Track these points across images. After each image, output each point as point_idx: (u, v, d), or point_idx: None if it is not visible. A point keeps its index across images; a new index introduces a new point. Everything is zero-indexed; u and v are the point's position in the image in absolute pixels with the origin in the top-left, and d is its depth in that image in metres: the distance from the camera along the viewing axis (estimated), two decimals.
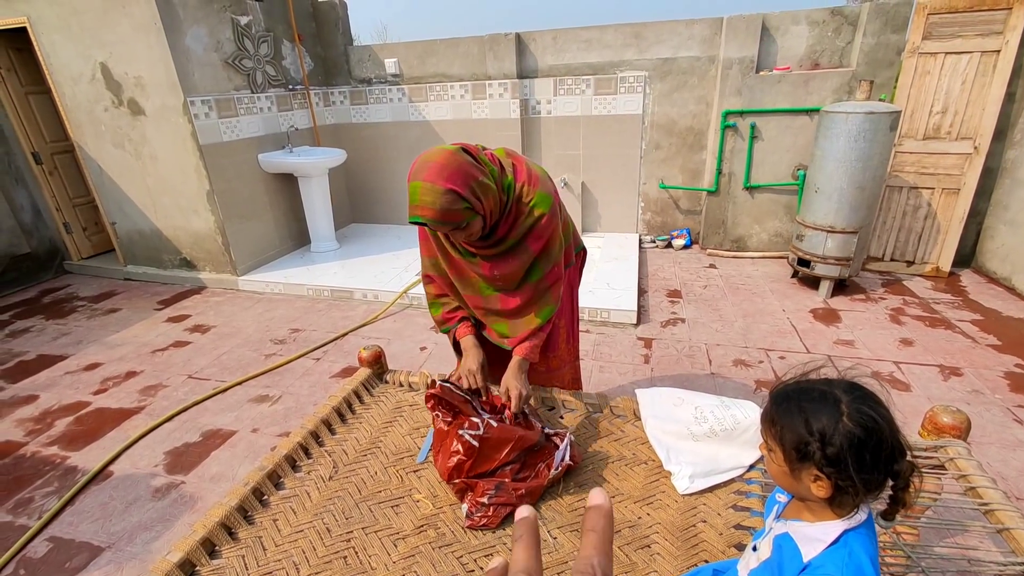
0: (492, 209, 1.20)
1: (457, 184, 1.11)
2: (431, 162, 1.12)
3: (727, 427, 1.32)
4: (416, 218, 1.14)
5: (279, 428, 2.22)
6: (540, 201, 1.26)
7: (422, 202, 1.11)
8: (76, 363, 2.85)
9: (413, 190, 1.12)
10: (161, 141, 3.45)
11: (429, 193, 1.10)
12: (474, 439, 1.23)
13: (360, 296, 3.48)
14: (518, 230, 1.27)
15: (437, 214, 1.11)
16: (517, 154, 1.35)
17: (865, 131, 2.83)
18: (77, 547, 1.68)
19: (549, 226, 1.28)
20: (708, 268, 3.80)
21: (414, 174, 1.12)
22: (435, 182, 1.09)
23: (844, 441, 0.65)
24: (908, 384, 2.36)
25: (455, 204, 1.11)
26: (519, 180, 1.26)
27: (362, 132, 4.61)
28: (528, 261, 1.31)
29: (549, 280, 1.36)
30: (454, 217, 1.12)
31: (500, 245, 1.28)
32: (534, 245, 1.29)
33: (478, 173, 1.15)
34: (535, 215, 1.26)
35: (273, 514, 1.21)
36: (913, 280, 3.47)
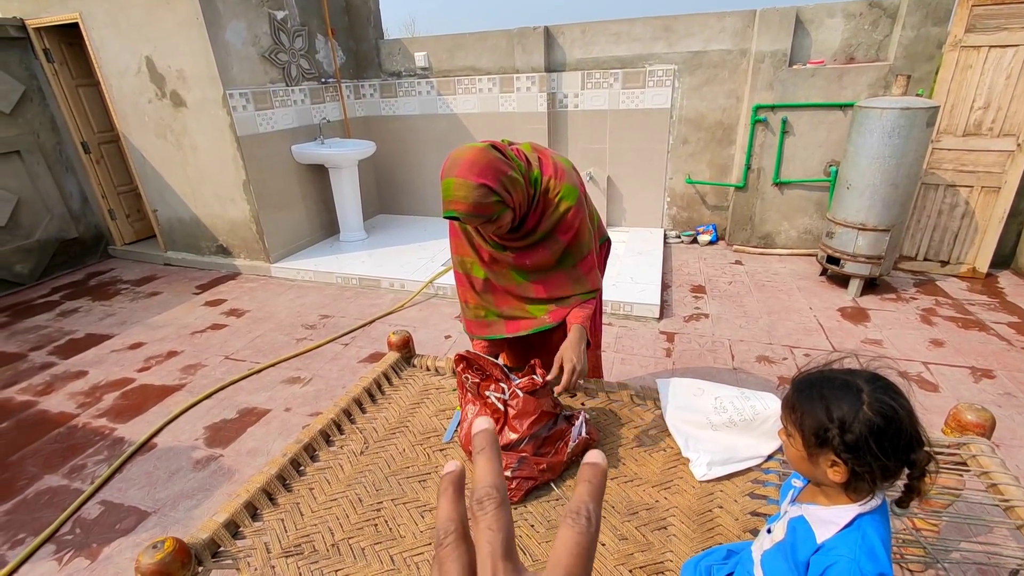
0: (521, 202, 1.24)
1: (488, 178, 1.15)
2: (462, 159, 1.16)
3: (746, 417, 1.35)
4: (450, 212, 1.18)
5: (310, 408, 2.32)
6: (567, 194, 1.30)
7: (455, 197, 1.16)
8: (121, 342, 3.01)
9: (446, 186, 1.17)
10: (201, 132, 3.59)
11: (462, 188, 1.14)
12: (499, 402, 1.29)
13: (387, 285, 3.57)
14: (547, 222, 1.31)
15: (470, 207, 1.15)
16: (543, 148, 1.39)
17: (900, 127, 2.77)
18: (126, 511, 1.81)
19: (576, 217, 1.33)
20: (734, 264, 3.77)
21: (447, 171, 1.17)
22: (467, 177, 1.14)
23: (863, 428, 0.67)
24: (936, 385, 2.32)
25: (487, 198, 1.15)
26: (546, 174, 1.30)
27: (391, 124, 4.70)
28: (559, 251, 1.35)
29: (583, 268, 1.41)
30: (486, 210, 1.17)
31: (529, 237, 1.33)
32: (563, 236, 1.34)
33: (507, 168, 1.19)
34: (562, 208, 1.30)
35: (309, 483, 1.28)
36: (947, 281, 3.38)
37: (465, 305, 1.56)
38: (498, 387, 1.33)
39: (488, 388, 1.32)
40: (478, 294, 1.50)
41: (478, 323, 1.55)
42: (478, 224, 1.25)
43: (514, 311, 1.50)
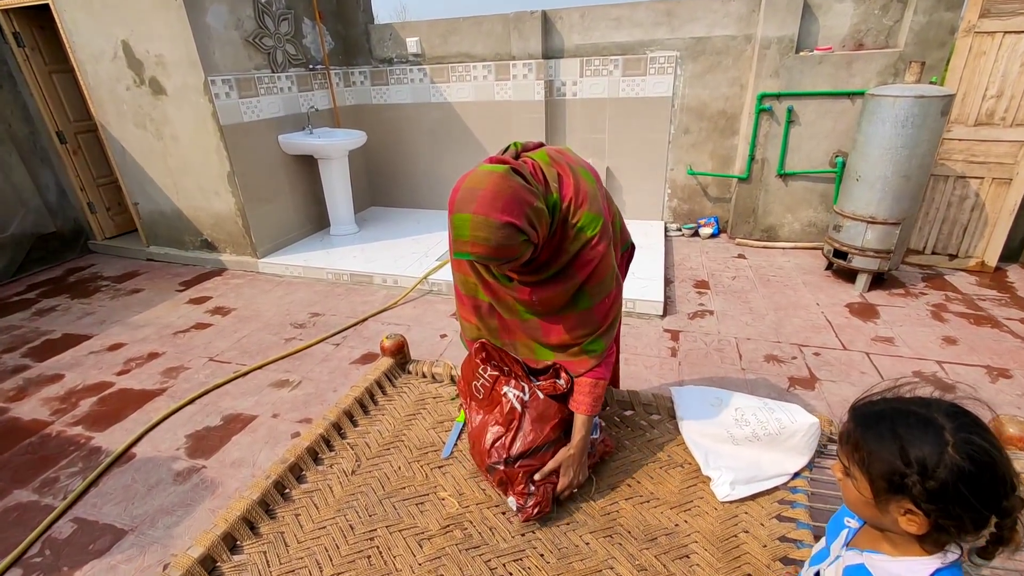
0: (544, 235, 1.06)
1: (514, 215, 0.96)
2: (480, 190, 0.96)
3: (771, 431, 1.24)
4: (465, 255, 1.00)
5: (299, 414, 2.20)
6: (588, 223, 1.10)
7: (474, 238, 0.96)
8: (100, 343, 2.86)
9: (461, 224, 0.97)
10: (182, 121, 3.42)
11: (482, 228, 0.95)
12: (517, 400, 1.18)
13: (380, 281, 3.44)
14: (563, 256, 1.12)
15: (492, 251, 0.97)
16: (563, 157, 1.15)
17: (914, 116, 2.66)
18: (100, 529, 1.69)
19: (597, 251, 1.12)
20: (737, 258, 3.67)
21: (461, 204, 0.97)
22: (488, 215, 0.94)
23: (950, 475, 0.57)
24: (953, 386, 2.24)
25: (512, 239, 0.97)
26: (565, 197, 1.09)
27: (383, 113, 4.53)
28: (572, 288, 1.16)
29: (598, 313, 1.20)
30: (510, 252, 0.99)
31: (542, 271, 1.14)
32: (581, 272, 1.14)
33: (532, 198, 1.00)
34: (582, 239, 1.11)
35: (295, 509, 1.17)
36: (956, 275, 3.30)
37: (467, 324, 1.38)
38: (518, 384, 1.21)
39: (507, 384, 1.21)
40: (481, 319, 1.33)
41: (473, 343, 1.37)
42: (497, 266, 1.08)
43: (519, 348, 1.33)
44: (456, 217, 0.98)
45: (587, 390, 1.22)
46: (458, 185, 1.01)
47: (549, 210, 1.06)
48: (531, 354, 1.31)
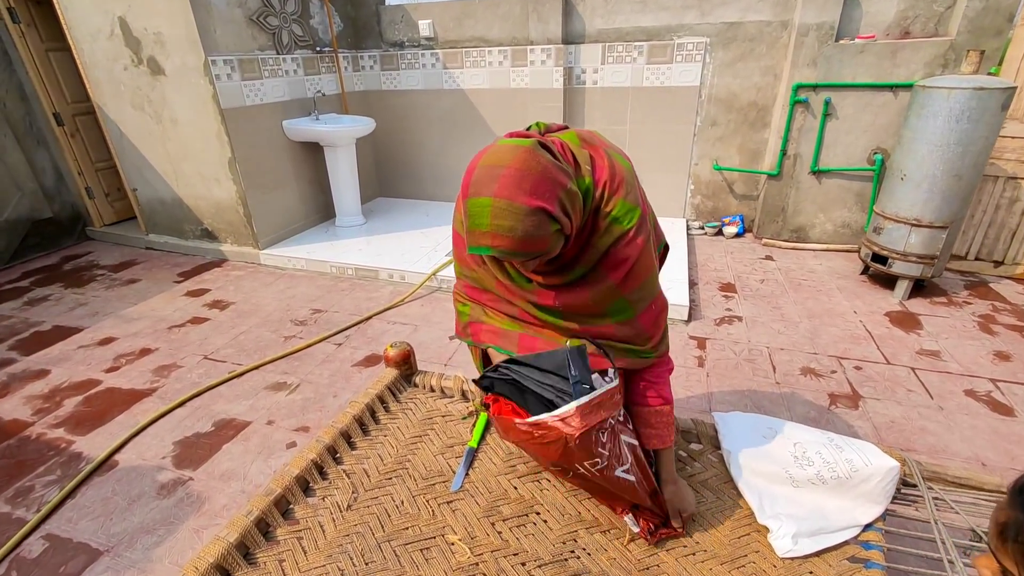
0: (578, 224, 0.87)
1: (546, 199, 0.78)
2: (503, 167, 0.78)
3: (839, 475, 1.06)
4: (483, 249, 0.80)
5: (296, 421, 2.04)
6: (623, 213, 0.91)
7: (495, 228, 0.77)
8: (90, 337, 2.72)
9: (478, 211, 0.78)
10: (181, 103, 3.24)
11: (507, 215, 0.76)
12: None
13: (386, 276, 3.26)
14: (590, 252, 0.93)
15: (517, 244, 0.78)
16: (595, 139, 0.97)
17: (971, 110, 2.44)
18: (74, 548, 1.53)
19: (634, 247, 0.93)
20: (764, 260, 3.46)
21: (477, 185, 0.78)
22: (514, 198, 0.76)
23: None
24: (1011, 407, 2.03)
25: (542, 228, 0.78)
26: (599, 181, 0.91)
27: (392, 100, 4.34)
28: (605, 292, 0.96)
29: (644, 323, 1.01)
30: (539, 245, 0.80)
31: (566, 272, 0.95)
32: (613, 274, 0.94)
33: (565, 179, 0.82)
34: (614, 232, 0.92)
35: (279, 552, 1.00)
36: (1001, 283, 3.08)
37: (469, 304, 1.18)
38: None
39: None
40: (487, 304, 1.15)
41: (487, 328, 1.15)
42: (520, 262, 0.87)
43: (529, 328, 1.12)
44: (471, 202, 0.78)
45: (654, 421, 1.07)
46: (473, 163, 0.82)
47: (581, 196, 0.88)
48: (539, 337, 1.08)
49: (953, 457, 1.78)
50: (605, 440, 0.95)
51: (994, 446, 1.83)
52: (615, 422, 0.99)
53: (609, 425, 0.96)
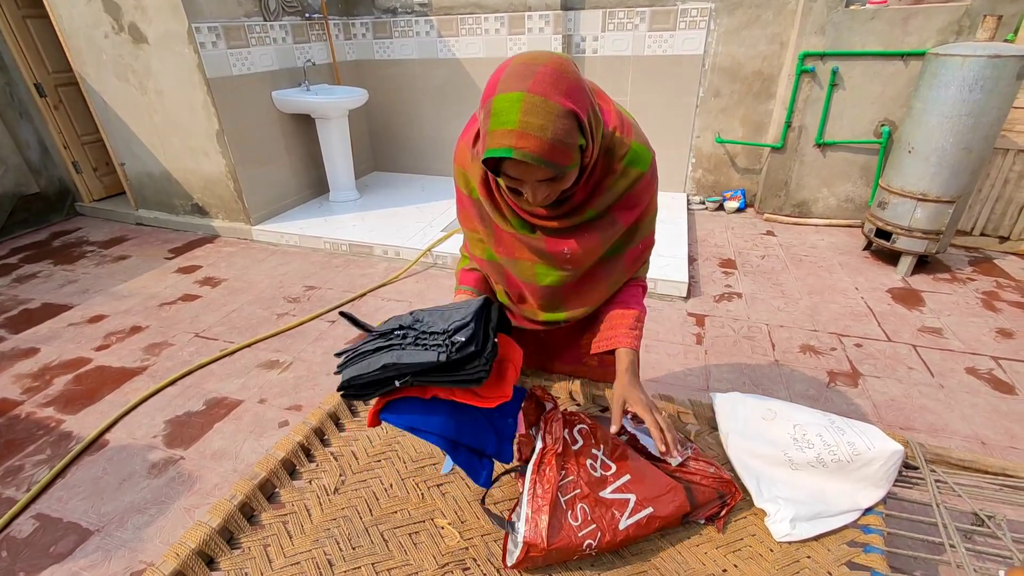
0: (594, 158, 0.83)
1: (579, 106, 0.72)
2: (540, 64, 0.71)
3: (841, 458, 1.02)
4: (506, 150, 0.71)
5: (288, 400, 2.01)
6: (637, 157, 0.89)
7: (524, 125, 0.69)
8: (80, 314, 2.68)
9: (506, 106, 0.70)
10: (166, 73, 3.13)
11: (540, 112, 0.69)
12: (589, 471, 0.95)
13: (380, 252, 3.21)
14: (604, 195, 0.90)
15: (545, 148, 0.70)
16: (600, 90, 0.94)
17: (985, 79, 2.34)
18: (64, 528, 1.52)
19: (648, 192, 0.93)
20: (766, 235, 3.40)
21: (508, 81, 0.71)
22: (549, 96, 0.70)
23: None
24: (1012, 385, 2.01)
25: (571, 137, 0.72)
26: (609, 124, 0.87)
27: (386, 70, 4.20)
28: (614, 236, 0.95)
29: (628, 258, 1.02)
30: (563, 158, 0.73)
31: (576, 215, 0.91)
32: (624, 217, 0.93)
33: (592, 97, 0.78)
34: (631, 176, 0.89)
35: (264, 537, 0.97)
36: (1006, 259, 3.03)
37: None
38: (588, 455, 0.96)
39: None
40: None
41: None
42: (535, 180, 0.78)
43: (527, 311, 1.13)
44: (499, 98, 0.71)
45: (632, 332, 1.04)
46: (501, 68, 0.75)
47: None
48: (536, 319, 1.13)
49: (952, 436, 1.77)
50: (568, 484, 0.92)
51: (994, 424, 1.81)
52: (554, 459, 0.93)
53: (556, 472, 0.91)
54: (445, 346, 0.80)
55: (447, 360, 0.79)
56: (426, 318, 0.86)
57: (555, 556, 0.88)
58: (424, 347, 0.81)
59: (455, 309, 0.89)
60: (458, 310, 0.88)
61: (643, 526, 0.93)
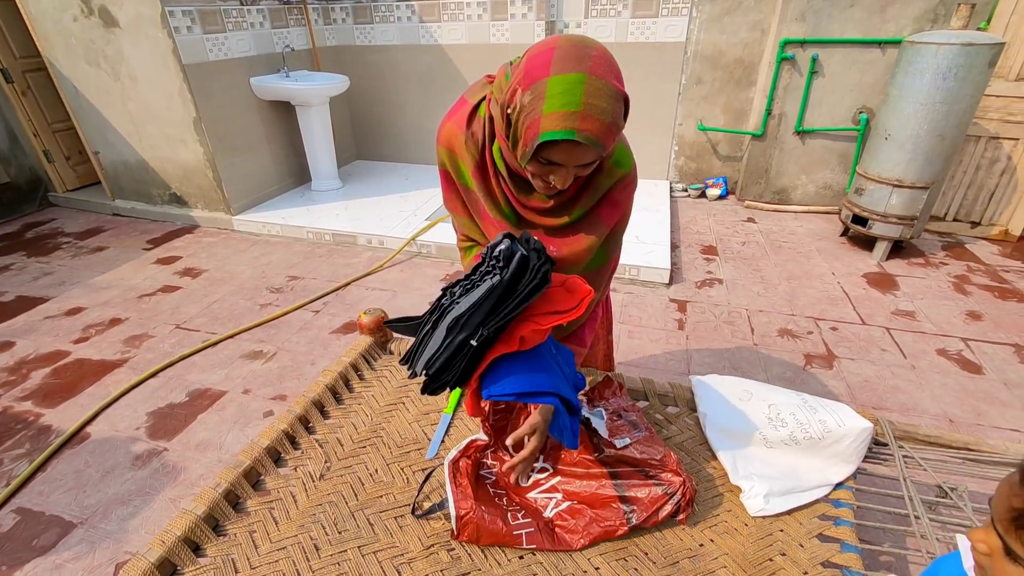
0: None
1: (625, 90, 0.74)
2: (593, 48, 0.71)
3: (813, 435, 1.06)
4: (567, 132, 0.69)
5: (273, 390, 2.01)
6: (623, 157, 0.90)
7: (588, 108, 0.68)
8: (57, 307, 2.62)
9: (568, 87, 0.68)
10: (139, 59, 3.05)
11: (603, 95, 0.69)
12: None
13: (364, 241, 3.19)
14: (592, 192, 0.91)
15: (604, 130, 0.70)
16: None
17: (958, 67, 2.39)
18: (46, 521, 1.51)
19: (629, 191, 0.94)
20: (746, 222, 3.45)
21: (563, 62, 0.69)
22: (608, 79, 0.69)
23: None
24: (979, 365, 2.08)
25: (622, 120, 0.74)
26: None
27: (367, 56, 4.14)
28: (598, 238, 0.96)
29: (612, 268, 1.06)
30: (612, 140, 0.74)
31: (566, 211, 0.92)
32: (609, 219, 0.94)
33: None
34: (616, 174, 0.90)
35: (250, 524, 0.98)
36: (977, 244, 3.12)
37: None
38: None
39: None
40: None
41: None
42: (577, 164, 0.77)
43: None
44: (557, 79, 0.69)
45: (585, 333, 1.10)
46: (543, 51, 0.72)
47: None
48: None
49: (923, 414, 1.83)
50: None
51: (962, 403, 1.88)
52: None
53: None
54: (493, 268, 0.74)
55: (504, 278, 0.73)
56: (460, 280, 0.79)
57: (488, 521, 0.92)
58: (474, 285, 0.75)
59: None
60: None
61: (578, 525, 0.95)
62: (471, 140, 0.92)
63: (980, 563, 0.51)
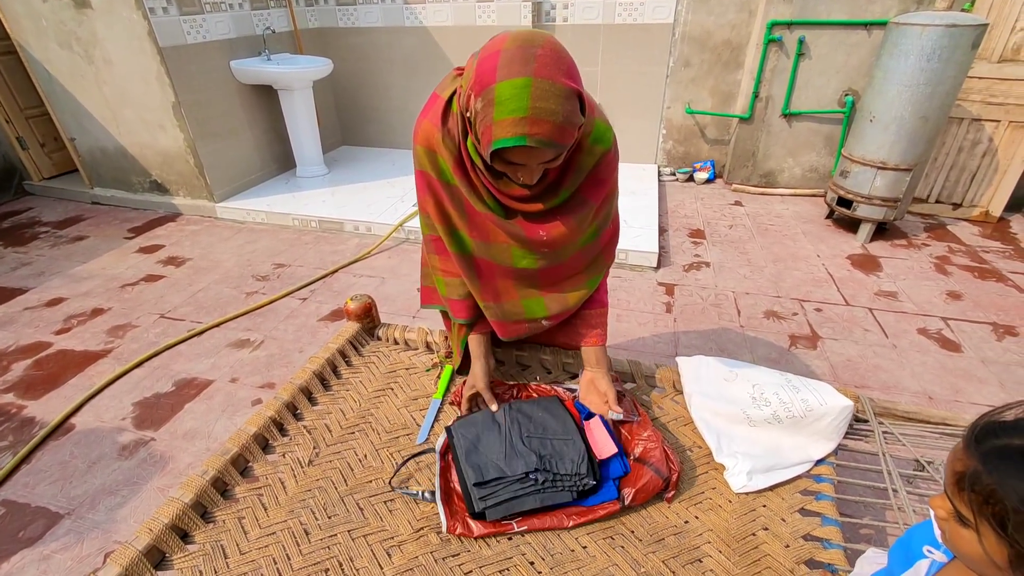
0: (583, 133, 0.85)
1: (577, 83, 0.73)
2: (538, 46, 0.70)
3: (795, 414, 1.08)
4: (518, 139, 0.70)
5: (261, 378, 2.00)
6: (601, 133, 0.91)
7: (536, 112, 0.68)
8: (37, 298, 2.57)
9: (515, 92, 0.68)
10: (114, 41, 2.95)
11: (550, 96, 0.68)
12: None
13: (351, 228, 3.15)
14: (574, 173, 0.92)
15: (556, 131, 0.71)
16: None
17: (942, 48, 2.40)
18: (32, 513, 1.50)
19: (611, 167, 0.95)
20: (733, 205, 3.47)
21: (508, 66, 0.69)
22: (555, 78, 0.69)
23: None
24: (958, 344, 2.13)
25: (575, 117, 0.73)
26: None
27: (350, 39, 4.05)
28: (588, 218, 0.97)
29: (602, 240, 1.06)
30: (569, 137, 0.74)
31: (551, 195, 0.92)
32: (594, 195, 0.95)
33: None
34: (596, 152, 0.91)
35: (238, 510, 0.98)
36: (958, 225, 3.16)
37: (451, 280, 1.11)
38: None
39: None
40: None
41: (460, 303, 1.13)
42: (538, 163, 0.78)
43: (505, 310, 1.10)
44: (504, 85, 0.69)
45: (595, 322, 1.15)
46: (491, 54, 0.72)
47: None
48: (520, 314, 1.11)
49: (903, 392, 1.87)
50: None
51: (941, 381, 1.93)
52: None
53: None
54: (574, 486, 0.99)
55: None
56: (549, 454, 1.01)
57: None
58: (558, 489, 0.98)
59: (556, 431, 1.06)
60: (564, 440, 1.04)
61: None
62: (448, 136, 0.91)
63: (941, 528, 0.52)
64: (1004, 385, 1.89)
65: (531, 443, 1.03)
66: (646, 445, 1.05)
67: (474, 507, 0.95)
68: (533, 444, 1.02)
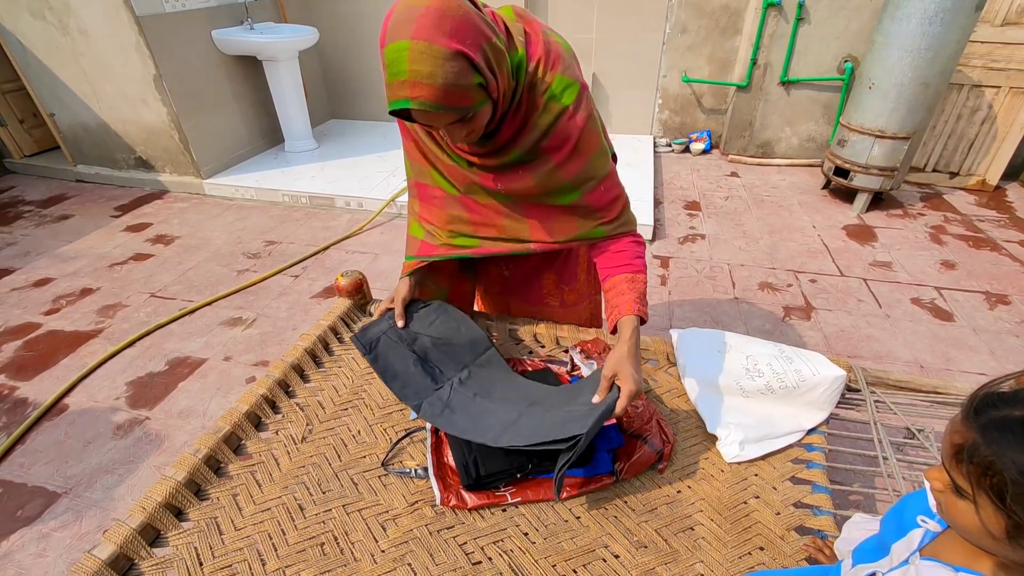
0: (505, 91, 0.81)
1: (467, 45, 0.71)
2: (422, 7, 0.70)
3: (788, 384, 1.08)
4: (401, 102, 0.72)
5: (254, 356, 1.99)
6: (561, 90, 0.87)
7: (413, 74, 0.70)
8: (24, 278, 2.54)
9: (395, 56, 0.70)
10: (88, 10, 2.84)
11: (426, 59, 0.69)
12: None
13: (342, 204, 3.11)
14: (529, 133, 0.88)
15: (439, 94, 0.71)
16: (530, 17, 0.91)
17: (944, 11, 2.34)
18: (30, 492, 1.50)
19: (575, 125, 0.90)
20: (729, 176, 3.43)
21: (393, 30, 0.71)
22: (433, 40, 0.69)
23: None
24: (951, 313, 2.14)
25: (464, 77, 0.72)
26: (532, 57, 0.86)
27: (336, 6, 3.91)
28: (550, 175, 0.94)
29: (593, 200, 0.99)
30: (462, 99, 0.73)
31: (504, 154, 0.90)
32: (556, 154, 0.91)
33: (489, 32, 0.75)
34: (554, 109, 0.87)
35: (232, 487, 0.98)
36: (955, 194, 3.15)
37: (427, 226, 1.13)
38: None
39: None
40: (444, 211, 1.08)
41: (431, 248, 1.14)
42: (443, 125, 0.80)
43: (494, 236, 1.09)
44: (388, 49, 0.71)
45: (625, 287, 1.03)
46: (391, 11, 0.73)
47: (513, 70, 0.82)
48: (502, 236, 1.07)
49: (895, 361, 1.89)
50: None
51: (932, 349, 1.94)
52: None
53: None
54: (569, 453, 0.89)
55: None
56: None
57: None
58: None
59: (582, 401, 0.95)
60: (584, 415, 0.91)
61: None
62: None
63: (937, 500, 0.52)
64: (994, 353, 1.91)
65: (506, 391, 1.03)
66: (641, 418, 1.06)
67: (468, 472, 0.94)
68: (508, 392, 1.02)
